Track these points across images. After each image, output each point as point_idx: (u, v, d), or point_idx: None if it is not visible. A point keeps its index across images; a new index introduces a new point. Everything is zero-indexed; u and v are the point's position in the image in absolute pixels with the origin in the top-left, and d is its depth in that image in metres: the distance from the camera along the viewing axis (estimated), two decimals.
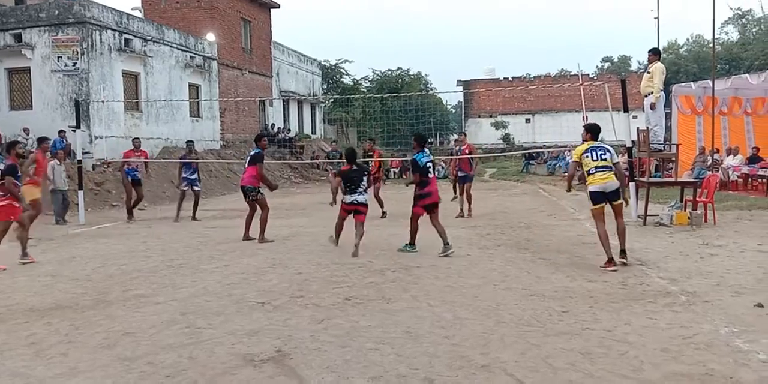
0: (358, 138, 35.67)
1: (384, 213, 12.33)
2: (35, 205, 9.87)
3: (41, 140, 10.98)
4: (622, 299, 5.40)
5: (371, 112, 38.54)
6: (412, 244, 8.18)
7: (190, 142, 13.84)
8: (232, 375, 3.80)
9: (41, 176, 10.64)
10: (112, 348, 4.39)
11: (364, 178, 8.22)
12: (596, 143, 7.17)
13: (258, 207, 9.46)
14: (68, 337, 4.70)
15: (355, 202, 8.12)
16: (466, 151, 12.46)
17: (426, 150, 8.28)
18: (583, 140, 7.36)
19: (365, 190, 8.25)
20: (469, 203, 12.05)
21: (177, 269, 7.36)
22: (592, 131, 7.26)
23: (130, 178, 12.99)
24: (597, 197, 6.93)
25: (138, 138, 14.30)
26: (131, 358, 4.16)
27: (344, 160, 8.51)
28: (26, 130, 16.74)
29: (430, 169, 8.18)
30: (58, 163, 12.85)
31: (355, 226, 8.12)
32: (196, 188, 12.95)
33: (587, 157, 7.02)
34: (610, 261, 6.74)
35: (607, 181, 6.87)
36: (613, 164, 6.95)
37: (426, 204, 8.04)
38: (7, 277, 7.10)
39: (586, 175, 7.07)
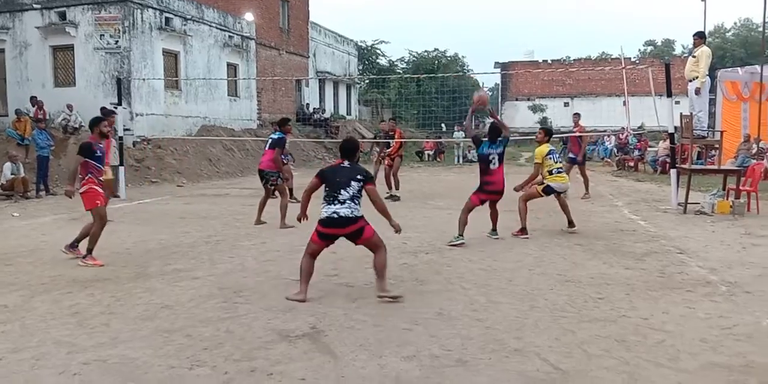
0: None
1: (394, 196, 11.90)
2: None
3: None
4: (660, 288, 5.31)
5: (407, 93, 38.37)
6: None
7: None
8: (268, 349, 3.87)
9: None
10: (151, 320, 4.51)
11: (354, 183, 4.91)
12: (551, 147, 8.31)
13: (277, 193, 9.10)
14: (109, 308, 4.84)
15: (335, 215, 4.85)
16: (577, 132, 12.47)
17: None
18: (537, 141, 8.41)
19: (357, 201, 4.94)
20: (586, 186, 12.44)
21: (215, 245, 7.50)
22: (549, 134, 8.55)
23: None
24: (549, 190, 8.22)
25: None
26: (170, 330, 4.27)
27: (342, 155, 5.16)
28: (70, 107, 17.11)
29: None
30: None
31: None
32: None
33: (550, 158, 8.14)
34: (524, 230, 8.11)
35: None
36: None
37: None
38: (51, 250, 7.32)
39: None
